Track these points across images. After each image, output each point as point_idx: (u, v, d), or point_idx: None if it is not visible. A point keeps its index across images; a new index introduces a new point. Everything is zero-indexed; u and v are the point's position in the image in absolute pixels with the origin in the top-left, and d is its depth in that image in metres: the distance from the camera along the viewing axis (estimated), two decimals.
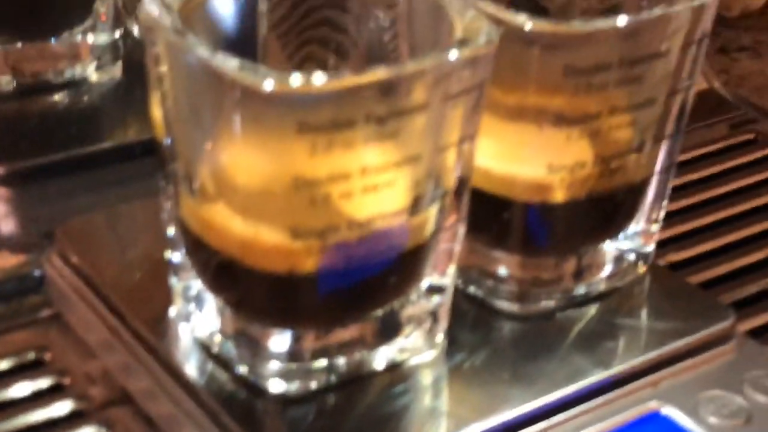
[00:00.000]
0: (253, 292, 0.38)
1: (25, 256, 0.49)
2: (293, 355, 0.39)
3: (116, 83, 0.59)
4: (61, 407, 0.43)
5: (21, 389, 0.44)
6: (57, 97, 0.58)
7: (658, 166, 0.44)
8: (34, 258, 0.48)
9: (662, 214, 0.45)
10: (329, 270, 0.37)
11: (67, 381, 0.44)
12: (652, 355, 0.42)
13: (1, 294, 0.48)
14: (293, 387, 0.39)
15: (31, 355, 0.46)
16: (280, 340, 0.39)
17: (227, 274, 0.38)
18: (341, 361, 0.39)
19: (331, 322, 0.38)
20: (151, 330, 0.42)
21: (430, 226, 0.39)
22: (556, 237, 0.43)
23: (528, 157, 0.41)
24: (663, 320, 0.44)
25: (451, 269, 0.41)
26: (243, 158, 0.35)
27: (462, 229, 0.40)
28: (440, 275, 0.40)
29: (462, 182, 0.39)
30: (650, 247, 0.46)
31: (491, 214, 0.43)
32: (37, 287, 0.48)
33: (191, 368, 0.40)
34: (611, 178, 0.42)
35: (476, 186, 0.42)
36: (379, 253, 0.37)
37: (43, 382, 0.44)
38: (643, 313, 0.44)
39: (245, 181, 0.36)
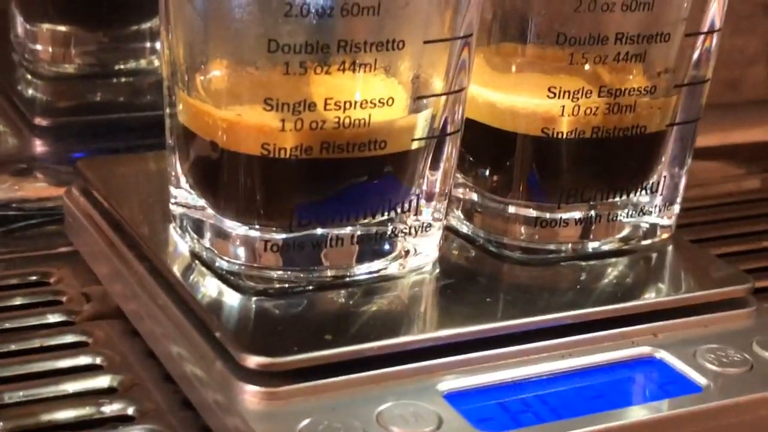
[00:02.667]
0: (231, 181, 0.38)
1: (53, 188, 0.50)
2: (270, 258, 0.38)
3: None
4: (53, 317, 0.43)
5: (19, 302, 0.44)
6: (112, 81, 0.60)
7: (675, 119, 0.42)
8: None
9: (683, 182, 0.44)
10: (306, 153, 0.36)
11: (62, 299, 0.45)
12: (654, 301, 0.40)
13: (23, 223, 0.49)
14: (273, 287, 0.38)
15: (33, 278, 0.46)
16: (258, 242, 0.38)
17: (209, 162, 0.38)
18: (322, 269, 0.38)
19: (307, 218, 0.37)
20: (151, 246, 0.41)
21: (416, 133, 0.38)
22: (561, 176, 0.41)
23: (530, 81, 0.40)
24: (674, 277, 0.42)
25: (441, 206, 0.40)
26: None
27: (454, 155, 0.39)
28: (428, 200, 0.39)
29: (456, 103, 0.38)
30: (672, 214, 0.44)
31: (494, 150, 0.42)
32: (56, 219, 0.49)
33: (179, 273, 0.39)
34: (620, 118, 0.40)
35: (477, 119, 0.41)
36: (359, 147, 0.37)
37: (39, 298, 0.45)
38: (655, 269, 0.42)
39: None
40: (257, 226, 0.38)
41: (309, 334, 0.36)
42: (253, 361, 0.34)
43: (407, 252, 0.40)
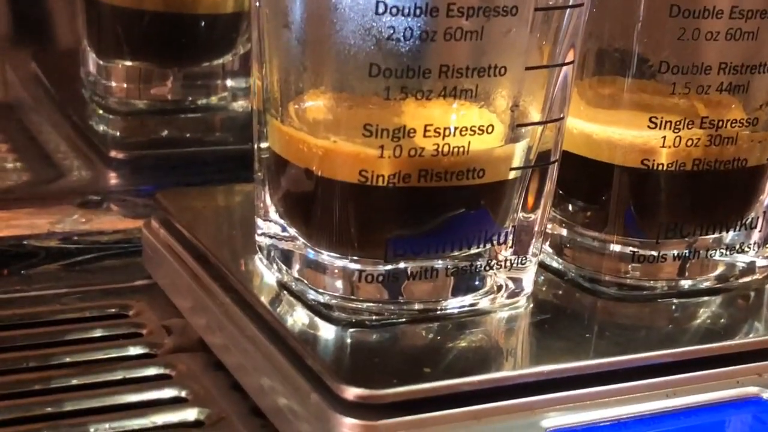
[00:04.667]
0: (326, 209, 0.37)
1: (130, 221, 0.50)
2: (362, 289, 0.37)
3: (247, 112, 0.61)
4: (134, 350, 0.42)
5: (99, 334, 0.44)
6: (185, 116, 0.60)
7: None
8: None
9: None
10: (403, 182, 0.35)
11: (143, 331, 0.44)
12: (759, 340, 0.38)
13: (97, 254, 0.49)
14: (366, 318, 0.37)
15: (112, 310, 0.45)
16: (353, 274, 0.37)
17: (304, 191, 0.37)
18: (415, 302, 0.37)
19: (404, 248, 0.36)
20: (237, 276, 0.41)
21: (513, 162, 0.37)
22: (659, 210, 0.40)
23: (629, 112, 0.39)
24: None
25: (537, 241, 0.39)
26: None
27: (551, 186, 0.38)
28: (524, 234, 0.38)
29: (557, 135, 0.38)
30: None
31: (588, 183, 0.41)
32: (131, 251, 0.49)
33: (267, 303, 0.38)
34: (721, 150, 0.39)
35: (571, 151, 0.40)
36: (457, 176, 0.36)
37: (120, 330, 0.44)
38: (755, 307, 0.41)
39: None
40: (351, 257, 0.37)
41: (406, 366, 0.34)
42: (351, 392, 0.33)
43: (500, 287, 0.39)
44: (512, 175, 0.37)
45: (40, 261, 0.49)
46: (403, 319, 0.37)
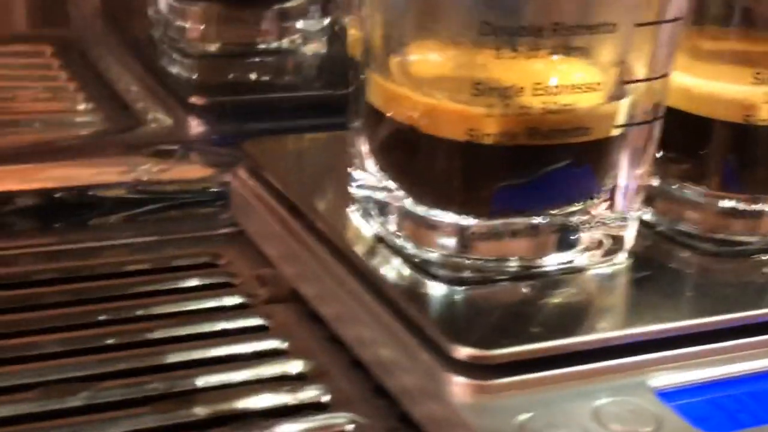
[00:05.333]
0: (430, 166, 0.37)
1: (213, 169, 0.50)
2: (464, 245, 0.37)
3: (320, 56, 0.61)
4: (230, 300, 0.43)
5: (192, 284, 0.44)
6: (259, 59, 0.60)
7: None
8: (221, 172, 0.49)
9: None
10: (511, 139, 0.35)
11: (236, 281, 0.44)
12: None
13: (189, 204, 0.49)
14: (465, 275, 0.37)
15: (205, 259, 0.46)
16: (454, 230, 0.37)
17: (407, 147, 0.37)
18: (514, 258, 0.37)
19: (507, 205, 0.36)
20: (331, 228, 0.41)
21: (618, 119, 0.37)
22: (759, 166, 0.40)
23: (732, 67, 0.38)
24: None
25: (638, 198, 0.39)
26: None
27: (653, 143, 0.38)
28: (625, 190, 0.38)
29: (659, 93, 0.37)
30: None
31: (687, 138, 0.40)
32: (221, 199, 0.49)
33: (366, 258, 0.39)
34: None
35: (670, 105, 0.40)
36: (565, 133, 0.36)
37: (214, 280, 0.44)
38: None
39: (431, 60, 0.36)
40: (454, 213, 0.37)
41: (513, 325, 0.35)
42: (463, 352, 0.33)
43: (600, 243, 0.39)
44: (616, 132, 0.37)
45: (118, 210, 0.49)
46: (505, 276, 0.37)
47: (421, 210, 0.38)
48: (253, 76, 0.58)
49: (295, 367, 0.38)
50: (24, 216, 0.47)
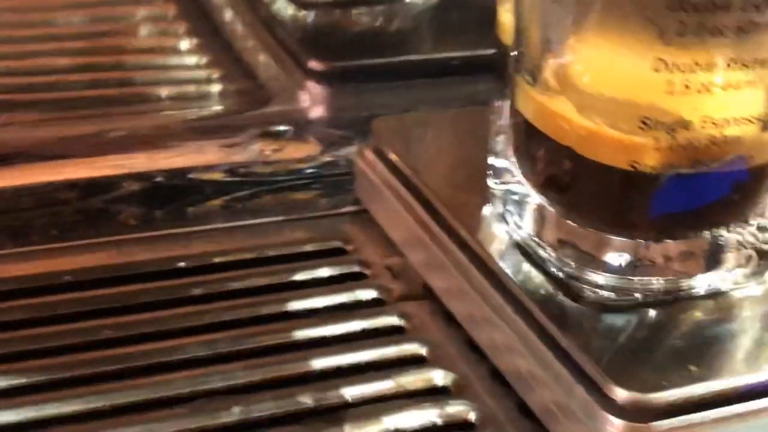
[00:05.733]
0: (585, 188, 0.36)
1: (337, 149, 0.49)
2: (616, 265, 0.37)
3: (433, 7, 0.59)
4: (364, 294, 0.43)
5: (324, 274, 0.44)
6: (376, 10, 0.58)
7: None
8: (345, 152, 0.48)
9: None
10: (673, 169, 0.34)
11: (368, 272, 0.44)
12: None
13: (311, 185, 0.48)
14: (611, 296, 0.37)
15: (334, 244, 0.46)
16: (604, 248, 0.37)
17: (560, 166, 0.36)
18: (661, 279, 0.37)
19: (663, 230, 0.36)
20: (465, 227, 0.40)
21: None
22: None
23: None
24: None
25: None
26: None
27: None
28: None
29: None
30: None
31: None
32: (345, 180, 0.48)
33: (506, 267, 0.38)
34: None
35: None
36: (727, 163, 0.35)
37: (345, 269, 0.44)
38: None
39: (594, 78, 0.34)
40: (605, 234, 0.36)
41: (670, 362, 0.34)
42: (625, 396, 0.33)
43: (750, 258, 0.38)
44: None
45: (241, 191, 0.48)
46: (656, 299, 0.37)
47: (569, 226, 0.37)
48: (377, 34, 0.56)
49: (437, 377, 0.39)
50: (160, 200, 0.47)
